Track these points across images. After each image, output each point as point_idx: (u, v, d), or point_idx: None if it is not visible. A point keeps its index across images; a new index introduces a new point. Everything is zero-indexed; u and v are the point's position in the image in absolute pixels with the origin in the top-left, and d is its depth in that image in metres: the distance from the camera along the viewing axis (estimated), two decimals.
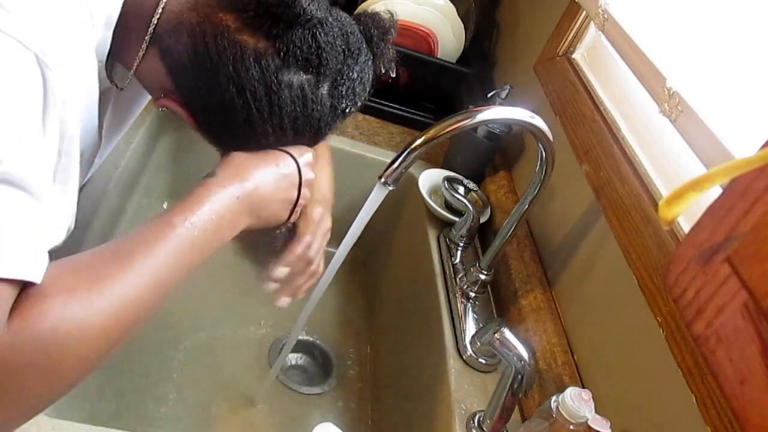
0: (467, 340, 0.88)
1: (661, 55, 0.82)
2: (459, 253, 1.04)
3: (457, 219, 1.08)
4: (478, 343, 0.86)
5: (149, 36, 0.59)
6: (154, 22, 0.58)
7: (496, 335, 0.73)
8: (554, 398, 0.68)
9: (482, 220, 1.08)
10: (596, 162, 0.90)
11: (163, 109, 0.62)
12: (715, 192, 0.38)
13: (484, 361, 0.86)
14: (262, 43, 0.58)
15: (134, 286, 0.49)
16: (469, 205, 1.04)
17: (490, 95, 1.16)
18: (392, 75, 0.69)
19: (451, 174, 1.15)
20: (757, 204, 0.33)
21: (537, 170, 0.84)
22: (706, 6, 0.80)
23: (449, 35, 1.33)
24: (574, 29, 1.13)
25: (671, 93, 0.76)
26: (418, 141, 0.72)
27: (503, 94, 1.13)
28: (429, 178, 1.15)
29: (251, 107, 0.59)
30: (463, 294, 0.96)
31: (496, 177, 1.18)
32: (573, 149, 0.96)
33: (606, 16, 0.97)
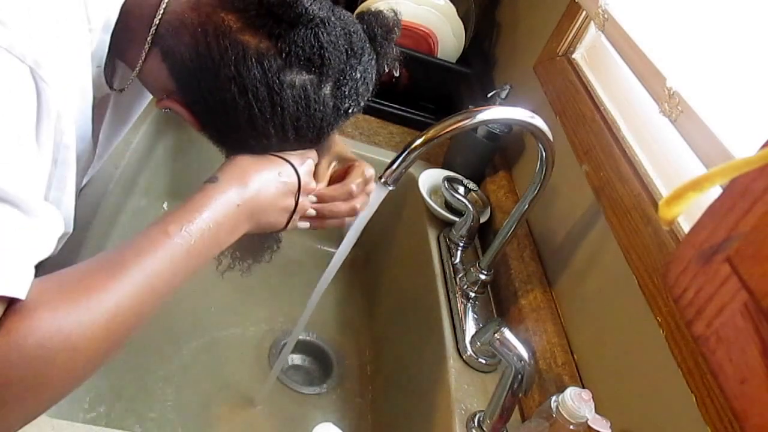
0: (467, 340, 0.88)
1: (661, 55, 0.82)
2: (459, 253, 1.04)
3: (457, 219, 1.08)
4: (478, 343, 0.86)
5: (151, 37, 0.58)
6: (156, 23, 0.58)
7: (496, 335, 0.73)
8: (554, 398, 0.68)
9: (482, 220, 1.07)
10: (596, 162, 0.90)
11: (165, 110, 0.62)
12: (715, 192, 0.38)
13: (484, 361, 0.86)
14: (264, 43, 0.58)
15: (125, 297, 0.48)
16: (469, 205, 1.04)
17: (490, 95, 1.16)
18: (396, 74, 0.68)
19: (451, 174, 1.15)
20: (757, 204, 0.33)
21: (537, 170, 0.84)
22: (706, 6, 0.80)
23: (449, 35, 1.33)
24: (574, 29, 1.13)
25: (671, 93, 0.76)
26: (418, 141, 0.72)
27: (503, 94, 1.13)
28: (429, 178, 1.15)
29: (253, 107, 0.59)
30: (463, 294, 0.96)
31: (496, 177, 1.18)
32: (573, 149, 0.96)
33: (606, 16, 0.97)
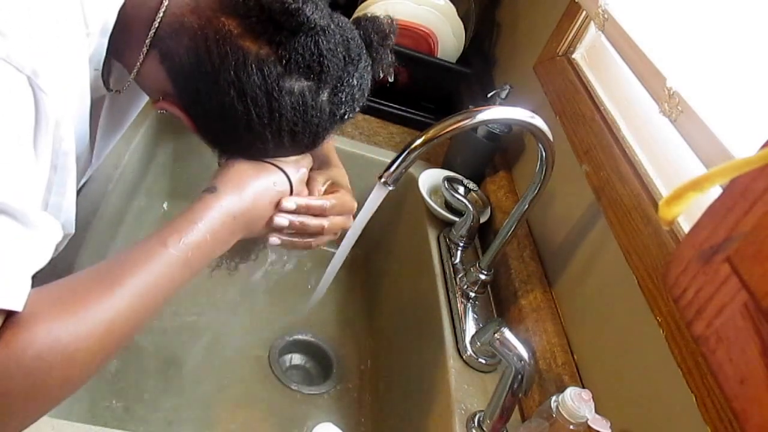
0: (467, 340, 0.88)
1: (661, 55, 0.82)
2: (459, 253, 1.04)
3: (457, 219, 1.07)
4: (478, 343, 0.86)
5: (150, 39, 0.58)
6: (156, 25, 0.58)
7: (496, 335, 0.73)
8: (554, 398, 0.68)
9: (482, 220, 1.07)
10: (596, 162, 0.90)
11: (161, 111, 0.62)
12: (715, 192, 0.38)
13: (484, 361, 0.86)
14: (265, 50, 0.58)
15: (121, 309, 0.49)
16: (469, 205, 1.04)
17: (490, 95, 1.16)
18: (390, 79, 0.68)
19: (451, 174, 1.15)
20: (757, 204, 0.33)
21: (537, 170, 0.84)
22: (706, 6, 0.80)
23: (449, 35, 1.33)
24: (574, 29, 1.13)
25: (671, 93, 0.76)
26: (418, 141, 0.72)
27: (503, 94, 1.13)
28: (429, 178, 1.15)
29: (251, 113, 0.59)
30: (463, 294, 0.96)
31: (496, 177, 1.18)
32: (573, 149, 0.96)
33: (606, 16, 0.97)
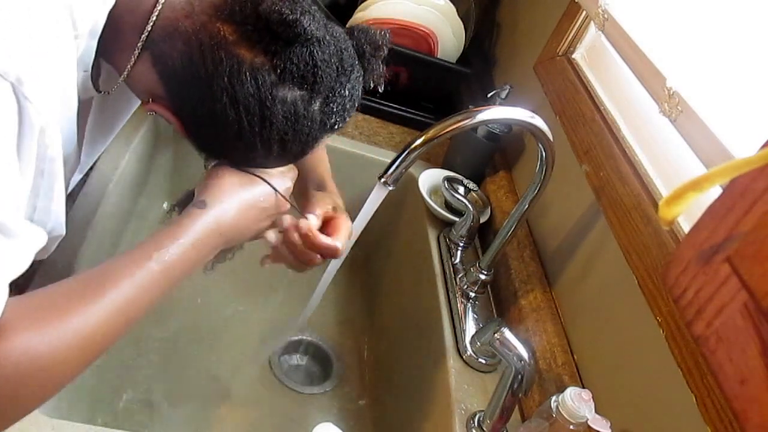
0: (467, 340, 0.88)
1: (661, 55, 0.82)
2: (459, 253, 1.04)
3: (457, 219, 1.07)
4: (478, 343, 0.86)
5: (142, 42, 0.58)
6: (149, 28, 0.57)
7: (496, 335, 0.73)
8: (554, 398, 0.68)
9: (482, 220, 1.07)
10: (596, 162, 0.90)
11: (151, 113, 0.62)
12: (715, 192, 0.38)
13: (484, 361, 0.86)
14: (260, 58, 0.57)
15: (101, 320, 0.50)
16: (469, 205, 1.04)
17: (490, 95, 1.16)
18: (380, 90, 0.68)
19: (451, 174, 1.15)
20: (757, 204, 0.33)
21: (537, 170, 0.84)
22: (706, 6, 0.80)
23: (449, 35, 1.33)
24: (574, 29, 1.13)
25: (671, 93, 0.76)
26: (418, 141, 0.72)
27: (503, 94, 1.13)
28: (429, 178, 1.15)
29: (243, 120, 0.59)
30: (463, 294, 0.96)
31: (496, 177, 1.18)
32: (573, 149, 0.96)
33: (606, 16, 0.97)
